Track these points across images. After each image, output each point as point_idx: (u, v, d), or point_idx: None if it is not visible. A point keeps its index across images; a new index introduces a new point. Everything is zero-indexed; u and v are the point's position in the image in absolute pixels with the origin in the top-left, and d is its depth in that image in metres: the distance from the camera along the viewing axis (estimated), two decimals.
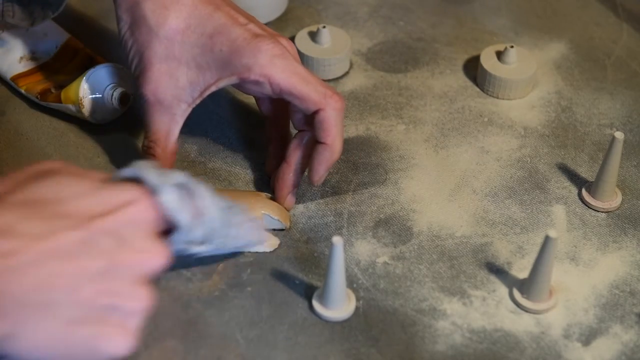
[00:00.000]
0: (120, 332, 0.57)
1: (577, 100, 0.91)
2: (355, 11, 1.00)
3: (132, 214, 0.58)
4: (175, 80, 0.74)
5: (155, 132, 0.76)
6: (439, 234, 0.77)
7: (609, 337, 0.71)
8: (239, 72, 0.73)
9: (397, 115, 0.88)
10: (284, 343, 0.69)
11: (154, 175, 0.60)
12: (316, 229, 0.77)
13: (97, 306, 0.56)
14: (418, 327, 0.70)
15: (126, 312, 0.57)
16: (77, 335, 0.56)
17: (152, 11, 0.73)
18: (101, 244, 0.56)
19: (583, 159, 0.85)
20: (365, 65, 0.94)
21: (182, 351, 0.68)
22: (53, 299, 0.55)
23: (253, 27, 0.74)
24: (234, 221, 0.67)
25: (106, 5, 0.96)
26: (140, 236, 0.58)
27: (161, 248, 0.59)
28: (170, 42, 0.74)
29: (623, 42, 0.98)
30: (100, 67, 0.82)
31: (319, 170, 0.75)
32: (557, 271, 0.74)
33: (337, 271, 0.68)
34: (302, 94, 0.73)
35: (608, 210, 0.80)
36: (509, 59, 0.90)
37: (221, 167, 0.82)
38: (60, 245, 0.55)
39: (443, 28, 0.99)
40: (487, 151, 0.85)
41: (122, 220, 0.57)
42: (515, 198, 0.81)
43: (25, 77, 0.86)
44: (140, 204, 0.59)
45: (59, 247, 0.55)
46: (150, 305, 0.58)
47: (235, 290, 0.72)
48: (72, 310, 0.55)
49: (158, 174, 0.60)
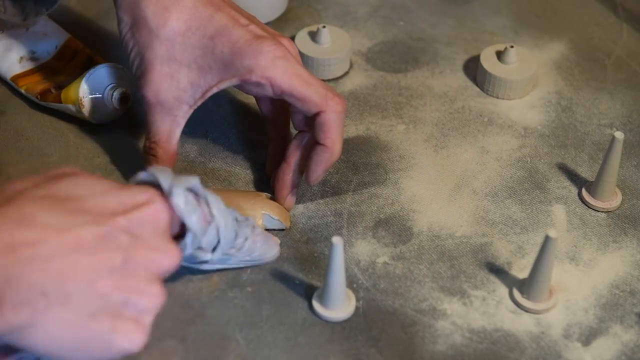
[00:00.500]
0: (134, 328, 0.58)
1: (577, 100, 0.91)
2: (355, 11, 1.00)
3: (148, 214, 0.60)
4: (176, 82, 0.74)
5: (157, 133, 0.76)
6: (439, 234, 0.77)
7: (609, 337, 0.71)
8: (241, 74, 0.73)
9: (397, 115, 0.88)
10: (284, 343, 0.69)
11: (168, 178, 0.62)
12: (316, 229, 0.77)
13: (113, 301, 0.57)
14: (418, 327, 0.70)
15: (141, 308, 0.58)
16: (93, 328, 0.57)
17: (153, 13, 0.73)
18: (119, 240, 0.58)
19: (583, 159, 0.85)
20: (365, 65, 0.94)
21: (182, 351, 0.68)
22: (72, 291, 0.56)
23: (254, 28, 0.74)
24: (242, 232, 0.68)
25: (106, 5, 0.96)
26: (155, 235, 0.60)
27: (174, 248, 0.61)
28: (171, 44, 0.74)
29: (623, 42, 0.98)
30: (100, 67, 0.82)
31: (317, 171, 0.74)
32: (557, 271, 0.74)
33: (337, 271, 0.68)
34: (304, 96, 0.73)
35: (608, 210, 0.80)
36: (509, 59, 0.90)
37: (221, 167, 0.82)
38: (80, 239, 0.56)
39: (443, 28, 0.99)
40: (487, 151, 0.85)
41: (139, 219, 0.59)
42: (515, 198, 0.81)
43: (25, 77, 0.86)
44: (156, 205, 0.60)
45: (80, 241, 0.56)
46: (163, 302, 0.59)
47: (235, 290, 0.72)
48: (90, 303, 0.56)
49: (172, 177, 0.62)
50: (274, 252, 0.73)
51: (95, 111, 0.83)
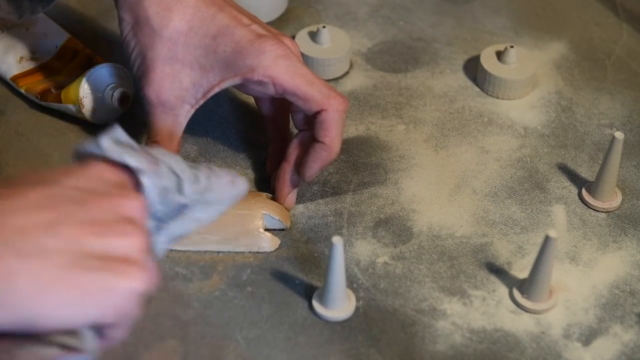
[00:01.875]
0: (129, 266, 0.54)
1: (577, 100, 0.91)
2: (355, 11, 1.00)
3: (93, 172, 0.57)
4: (178, 82, 0.74)
5: (158, 133, 0.76)
6: (439, 234, 0.77)
7: (609, 337, 0.71)
8: (243, 73, 0.73)
9: (397, 115, 0.88)
10: (284, 343, 0.69)
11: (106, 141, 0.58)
12: (316, 229, 0.77)
13: (92, 247, 0.54)
14: (418, 327, 0.70)
15: (126, 249, 0.55)
16: (83, 276, 0.53)
17: (155, 13, 0.73)
18: (71, 195, 0.55)
19: (583, 159, 0.85)
20: (365, 65, 0.94)
21: (182, 351, 0.68)
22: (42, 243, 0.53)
23: (257, 27, 0.74)
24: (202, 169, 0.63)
25: (106, 5, 0.96)
26: (108, 186, 0.57)
27: (135, 193, 0.57)
28: (173, 44, 0.74)
29: (623, 42, 0.98)
30: (100, 67, 0.82)
31: (313, 167, 0.74)
32: (557, 271, 0.74)
33: (337, 271, 0.68)
34: (306, 95, 0.73)
35: (608, 210, 0.80)
36: (509, 59, 0.90)
37: (221, 167, 0.82)
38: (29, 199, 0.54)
39: (443, 28, 0.99)
40: (487, 151, 0.85)
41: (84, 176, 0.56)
42: (515, 198, 0.81)
43: (25, 77, 0.86)
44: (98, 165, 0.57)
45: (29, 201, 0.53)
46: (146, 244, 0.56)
47: (235, 290, 0.72)
48: (67, 253, 0.53)
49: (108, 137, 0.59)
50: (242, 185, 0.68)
51: (96, 111, 0.83)
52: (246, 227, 0.74)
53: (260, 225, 0.75)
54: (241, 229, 0.74)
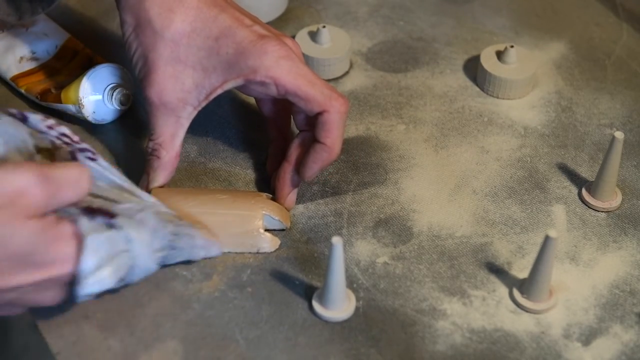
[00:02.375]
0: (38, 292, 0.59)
1: (577, 100, 0.91)
2: (355, 11, 1.00)
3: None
4: (181, 84, 0.74)
5: (160, 135, 0.76)
6: (439, 234, 0.77)
7: (609, 337, 0.71)
8: (245, 74, 0.73)
9: (397, 115, 0.88)
10: (284, 343, 0.69)
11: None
12: (316, 229, 0.77)
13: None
14: (418, 327, 0.71)
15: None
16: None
17: (157, 14, 0.73)
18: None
19: (583, 158, 0.85)
20: (365, 65, 0.94)
21: (182, 351, 0.68)
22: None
23: (258, 28, 0.74)
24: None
25: (106, 5, 0.96)
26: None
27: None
28: (175, 45, 0.73)
29: (623, 42, 0.98)
30: (100, 67, 0.82)
31: (313, 168, 0.75)
32: (557, 271, 0.74)
33: (337, 271, 0.68)
34: (308, 96, 0.73)
35: (608, 210, 0.80)
36: (509, 58, 0.90)
37: (221, 167, 0.82)
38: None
39: (443, 28, 0.99)
40: (487, 151, 0.85)
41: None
42: (515, 198, 0.81)
43: (25, 77, 0.86)
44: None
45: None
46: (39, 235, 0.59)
47: (235, 291, 0.72)
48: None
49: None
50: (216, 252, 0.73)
51: (95, 111, 0.83)
52: (246, 227, 0.74)
53: (261, 226, 0.75)
54: (241, 230, 0.74)
